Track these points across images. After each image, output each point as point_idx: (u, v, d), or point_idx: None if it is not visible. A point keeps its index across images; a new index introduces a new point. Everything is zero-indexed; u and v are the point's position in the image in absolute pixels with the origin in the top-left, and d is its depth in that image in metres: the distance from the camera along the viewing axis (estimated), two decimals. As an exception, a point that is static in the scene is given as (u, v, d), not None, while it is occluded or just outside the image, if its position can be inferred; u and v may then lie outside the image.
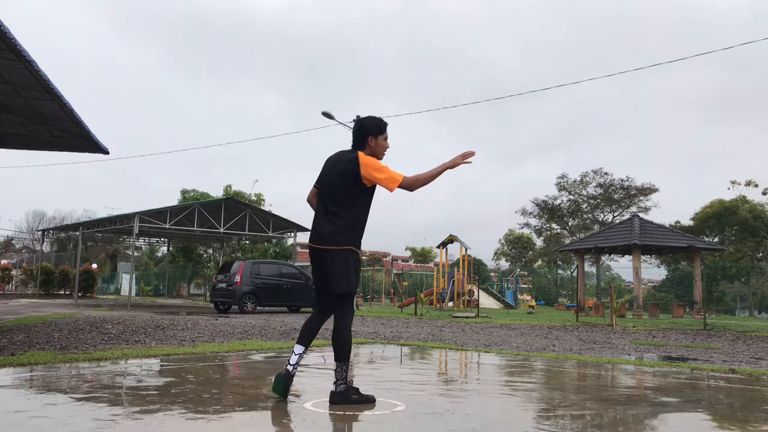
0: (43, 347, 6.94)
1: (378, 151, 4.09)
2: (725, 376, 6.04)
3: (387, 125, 4.17)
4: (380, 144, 4.09)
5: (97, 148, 11.45)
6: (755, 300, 39.67)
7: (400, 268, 50.14)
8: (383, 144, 4.11)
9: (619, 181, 45.60)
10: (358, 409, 3.79)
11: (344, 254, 3.89)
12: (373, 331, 11.45)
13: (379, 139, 4.08)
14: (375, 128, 4.08)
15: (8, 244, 64.05)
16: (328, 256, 3.90)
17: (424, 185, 3.95)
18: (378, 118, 4.16)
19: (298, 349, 3.98)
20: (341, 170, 3.97)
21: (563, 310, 32.80)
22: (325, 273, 3.93)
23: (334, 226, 3.92)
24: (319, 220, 4.02)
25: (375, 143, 4.07)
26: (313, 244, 3.99)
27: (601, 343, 10.27)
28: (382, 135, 4.10)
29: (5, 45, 7.01)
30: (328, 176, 4.05)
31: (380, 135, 4.09)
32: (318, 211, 4.06)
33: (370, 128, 4.07)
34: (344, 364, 3.90)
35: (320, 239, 3.95)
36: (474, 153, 3.93)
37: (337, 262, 3.88)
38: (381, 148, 4.10)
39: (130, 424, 3.23)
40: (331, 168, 4.07)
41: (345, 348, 3.90)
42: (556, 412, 3.93)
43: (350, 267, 3.90)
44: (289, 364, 3.98)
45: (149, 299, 34.87)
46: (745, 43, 59.21)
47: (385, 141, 4.13)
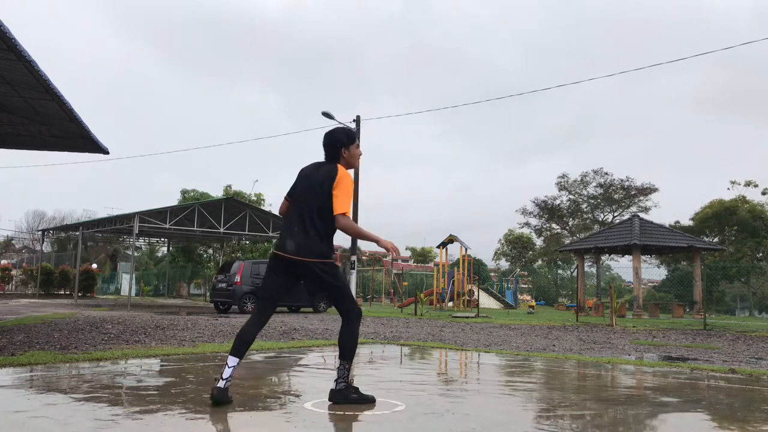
0: (43, 347, 6.94)
1: (352, 160, 4.16)
2: (725, 376, 6.04)
3: (356, 134, 4.32)
4: (353, 153, 4.15)
5: (97, 148, 11.45)
6: (755, 300, 39.67)
7: (400, 268, 50.16)
8: (356, 152, 4.18)
9: (619, 181, 45.65)
10: (358, 409, 3.79)
11: (332, 265, 4.00)
12: (373, 331, 11.45)
13: (351, 149, 4.14)
14: (346, 139, 4.14)
15: (8, 244, 64.06)
16: (316, 268, 3.90)
17: (354, 234, 4.09)
18: (347, 129, 4.30)
19: (232, 361, 3.78)
20: (321, 183, 3.96)
21: (563, 310, 32.80)
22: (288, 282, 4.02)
23: (317, 239, 3.91)
24: (293, 232, 3.96)
25: (348, 153, 4.13)
26: (294, 256, 3.90)
27: (601, 343, 10.27)
28: (354, 144, 4.17)
29: (5, 45, 7.00)
30: (308, 188, 4.02)
31: (351, 144, 4.15)
32: (293, 222, 3.99)
33: (341, 140, 4.12)
34: (348, 363, 3.93)
35: (303, 251, 3.90)
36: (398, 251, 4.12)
37: (332, 273, 3.97)
38: (354, 158, 4.17)
39: (130, 424, 3.23)
40: (309, 180, 4.05)
41: (351, 348, 3.95)
42: (556, 412, 3.93)
43: (334, 274, 3.99)
44: (221, 378, 3.76)
45: (149, 299, 34.86)
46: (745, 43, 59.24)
47: (357, 149, 4.20)
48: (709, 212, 40.36)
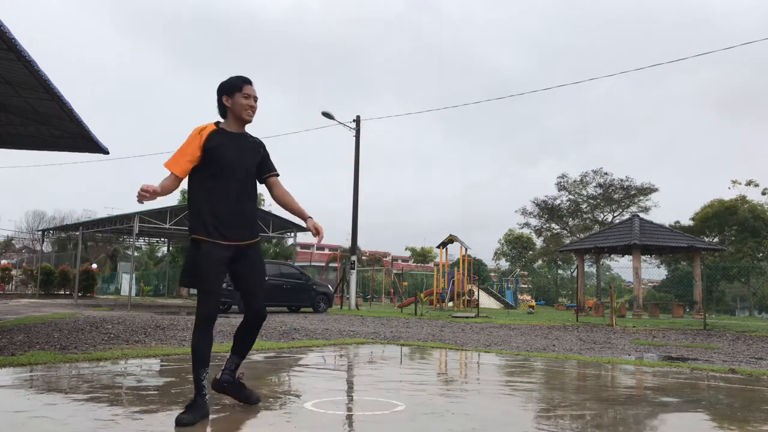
0: (43, 347, 6.94)
1: (238, 109, 3.55)
2: (725, 376, 6.04)
3: (247, 82, 3.59)
4: (238, 101, 3.53)
5: (97, 148, 11.45)
6: (755, 300, 39.67)
7: (400, 268, 50.16)
8: (242, 101, 3.53)
9: (618, 181, 45.63)
10: (358, 408, 3.79)
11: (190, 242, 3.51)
12: (373, 331, 11.45)
13: (237, 97, 3.53)
14: (229, 86, 3.56)
15: (8, 244, 64.05)
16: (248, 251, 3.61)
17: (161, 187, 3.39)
18: (236, 76, 3.61)
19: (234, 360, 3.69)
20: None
21: (563, 310, 32.80)
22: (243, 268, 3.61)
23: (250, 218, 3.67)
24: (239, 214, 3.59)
25: (231, 102, 3.55)
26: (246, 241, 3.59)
27: (601, 343, 10.27)
28: (240, 92, 3.54)
29: (5, 45, 7.01)
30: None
31: (237, 92, 3.54)
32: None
33: (224, 87, 3.57)
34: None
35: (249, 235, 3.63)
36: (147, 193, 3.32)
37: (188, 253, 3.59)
38: (241, 107, 3.54)
39: (130, 424, 3.23)
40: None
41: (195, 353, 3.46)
42: (556, 412, 3.93)
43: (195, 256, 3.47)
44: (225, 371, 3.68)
45: (149, 299, 34.87)
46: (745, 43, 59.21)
47: (244, 98, 3.54)
48: (709, 212, 40.36)
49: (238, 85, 3.55)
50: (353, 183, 25.89)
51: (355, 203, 25.83)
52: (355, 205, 25.84)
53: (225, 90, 3.56)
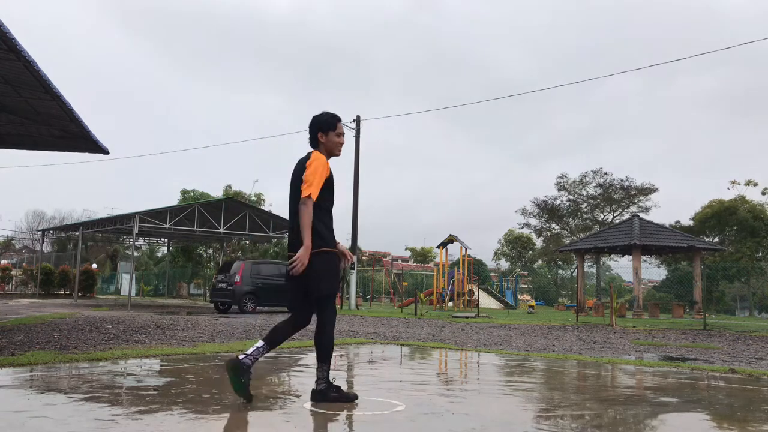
0: (43, 347, 6.93)
1: (331, 146, 3.99)
2: (725, 376, 6.04)
3: (339, 120, 4.04)
4: (331, 139, 3.97)
5: (97, 148, 11.45)
6: (755, 300, 39.67)
7: (400, 268, 50.16)
8: (335, 140, 3.98)
9: (618, 181, 45.62)
10: (358, 408, 3.79)
11: (317, 255, 3.77)
12: (373, 331, 11.45)
13: (330, 135, 3.97)
14: (325, 124, 3.97)
15: (8, 244, 64.03)
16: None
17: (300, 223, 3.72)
18: (330, 113, 4.04)
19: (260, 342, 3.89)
20: (298, 174, 3.91)
21: (563, 310, 32.80)
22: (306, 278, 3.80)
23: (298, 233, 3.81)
24: (291, 229, 3.94)
25: (326, 139, 3.97)
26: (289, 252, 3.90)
27: (601, 343, 10.27)
28: (334, 131, 3.98)
29: (5, 45, 7.01)
30: (292, 184, 3.97)
31: (331, 131, 3.97)
32: (290, 220, 3.97)
33: (319, 124, 3.98)
34: (325, 364, 3.90)
35: (290, 246, 3.90)
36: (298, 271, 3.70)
37: (315, 263, 3.77)
38: (333, 144, 3.99)
39: (130, 424, 3.23)
40: (293, 175, 4.00)
41: (328, 349, 3.89)
42: (556, 412, 3.93)
43: (327, 268, 3.81)
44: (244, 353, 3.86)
45: (149, 299, 34.86)
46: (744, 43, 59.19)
47: (339, 137, 4.00)
48: (709, 212, 40.34)
49: (333, 124, 3.99)
50: (353, 183, 25.91)
51: (355, 203, 25.83)
52: (355, 205, 25.85)
53: (321, 127, 3.97)
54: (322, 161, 3.87)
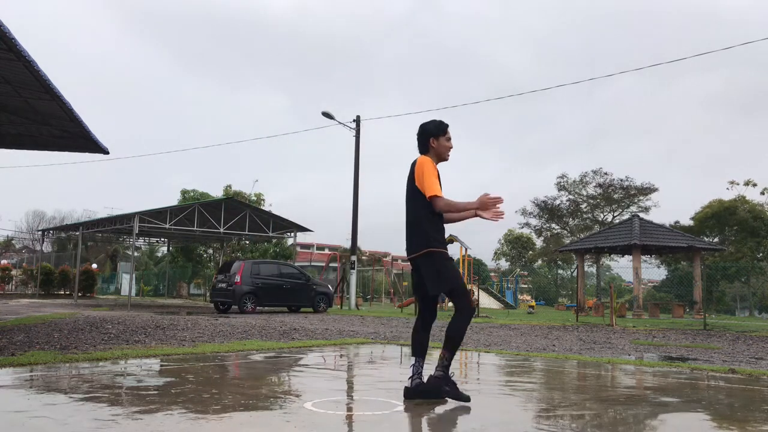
0: (43, 347, 6.94)
1: (441, 151, 4.19)
2: (725, 376, 6.04)
3: (448, 126, 4.26)
4: (442, 144, 4.18)
5: (97, 148, 11.45)
6: (755, 300, 39.67)
7: (400, 268, 50.12)
8: (446, 144, 4.20)
9: (618, 181, 45.62)
10: (358, 408, 3.79)
11: (429, 258, 3.99)
12: (373, 331, 11.45)
13: (441, 140, 4.18)
14: (434, 129, 4.19)
15: (8, 244, 64.03)
16: (417, 263, 4.05)
17: (452, 211, 4.04)
18: (438, 120, 4.27)
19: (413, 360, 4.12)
20: (409, 179, 4.15)
21: (563, 310, 32.80)
22: (421, 279, 4.06)
23: (411, 235, 4.07)
24: (407, 230, 4.15)
25: (437, 144, 4.17)
26: (408, 254, 4.13)
27: (601, 343, 10.27)
28: (444, 135, 4.19)
29: (5, 45, 7.01)
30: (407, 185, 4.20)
31: (441, 135, 4.18)
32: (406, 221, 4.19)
33: (429, 130, 4.19)
34: (449, 353, 4.00)
35: (408, 250, 4.12)
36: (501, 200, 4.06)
37: (425, 267, 3.99)
38: (444, 148, 4.20)
39: (130, 424, 3.23)
40: (408, 177, 4.21)
41: (456, 340, 4.00)
42: (556, 412, 3.93)
43: (439, 268, 3.98)
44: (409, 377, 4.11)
45: (149, 299, 34.86)
46: (745, 43, 59.10)
47: (448, 141, 4.22)
48: (709, 212, 40.34)
49: (444, 129, 4.20)
50: (353, 183, 25.90)
51: (355, 203, 25.83)
52: (355, 205, 25.85)
53: (432, 133, 4.18)
54: (429, 162, 4.07)
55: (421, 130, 4.23)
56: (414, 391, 4.01)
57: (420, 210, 4.05)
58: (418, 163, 4.09)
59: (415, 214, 4.06)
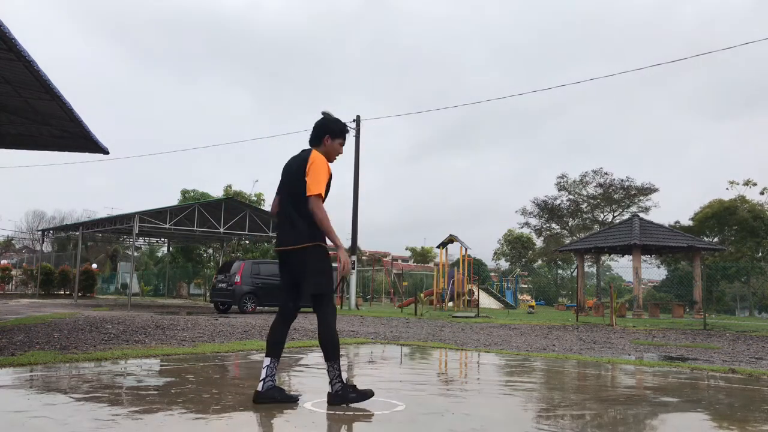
0: (43, 347, 6.94)
1: (331, 151, 4.08)
2: (725, 376, 6.04)
3: (348, 132, 4.20)
4: (334, 147, 4.08)
5: (97, 148, 11.45)
6: (755, 300, 39.65)
7: (400, 268, 50.13)
8: (337, 148, 4.09)
9: (618, 181, 45.63)
10: (357, 408, 3.79)
11: (310, 251, 3.83)
12: (373, 331, 11.45)
13: (335, 142, 4.07)
14: (336, 130, 4.09)
15: (8, 244, 64.03)
16: (293, 256, 3.87)
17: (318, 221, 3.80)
18: (342, 123, 4.19)
19: (267, 361, 3.85)
20: (296, 170, 3.96)
21: (563, 310, 32.80)
22: (294, 276, 3.91)
23: (294, 227, 3.88)
24: (282, 224, 4.00)
25: (330, 144, 4.06)
26: (279, 247, 3.98)
27: (601, 343, 10.27)
28: (339, 140, 4.09)
29: (5, 45, 7.01)
30: (286, 179, 4.04)
31: (337, 139, 4.08)
32: (280, 214, 4.03)
33: (331, 128, 4.08)
34: (335, 362, 3.83)
35: (284, 242, 3.93)
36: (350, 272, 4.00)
37: (305, 261, 3.83)
38: (334, 151, 4.09)
39: (130, 424, 3.23)
40: (287, 171, 4.07)
41: (333, 347, 3.84)
42: (556, 412, 3.93)
43: (318, 264, 3.85)
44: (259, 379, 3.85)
45: (149, 299, 34.87)
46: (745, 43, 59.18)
47: (341, 146, 4.11)
48: (709, 212, 40.34)
49: (343, 133, 4.12)
50: (353, 183, 25.90)
51: (355, 203, 25.83)
52: (355, 205, 25.85)
53: (330, 132, 4.06)
54: (325, 161, 3.96)
55: (323, 123, 4.11)
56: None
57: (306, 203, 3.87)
58: (313, 157, 3.92)
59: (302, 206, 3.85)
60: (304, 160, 3.97)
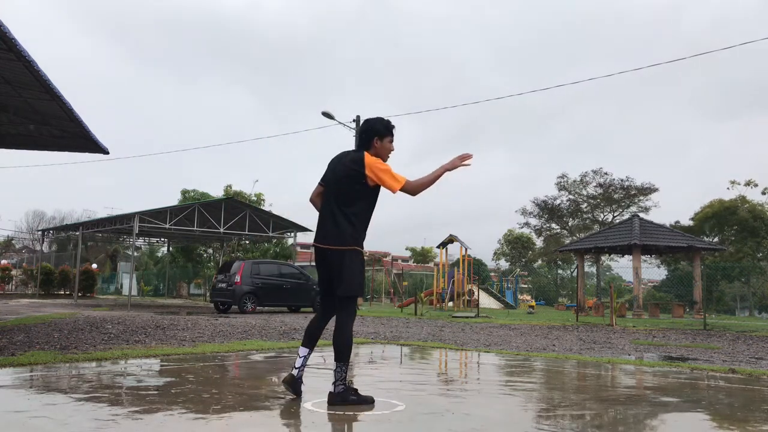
0: (43, 347, 6.94)
1: (382, 152, 4.07)
2: (725, 376, 6.04)
3: (394, 127, 4.17)
4: (385, 146, 4.08)
5: (97, 148, 11.45)
6: (755, 300, 39.65)
7: (400, 268, 50.12)
8: (388, 146, 4.09)
9: (618, 181, 45.63)
10: (357, 409, 3.79)
11: (349, 254, 3.89)
12: (373, 331, 11.45)
13: (385, 141, 4.07)
14: (383, 129, 4.07)
15: (8, 244, 64.04)
16: (332, 255, 3.92)
17: (426, 189, 3.97)
18: (386, 120, 4.15)
19: (303, 351, 4.04)
20: (345, 170, 3.98)
21: (563, 310, 32.80)
22: (330, 273, 3.97)
23: (338, 227, 3.92)
24: (324, 220, 4.03)
25: (380, 145, 4.06)
26: (319, 244, 4.01)
27: (601, 343, 10.27)
28: (388, 137, 4.09)
29: (5, 45, 7.01)
30: (332, 176, 4.05)
31: (386, 137, 4.07)
32: (323, 210, 4.07)
33: (377, 129, 4.06)
34: (344, 364, 3.87)
35: (325, 239, 3.97)
36: (471, 156, 4.00)
37: (342, 262, 3.89)
38: (385, 150, 4.09)
39: (130, 424, 3.23)
40: (335, 168, 4.07)
41: (346, 349, 3.88)
42: (556, 412, 3.93)
43: (354, 268, 3.90)
44: (294, 367, 4.05)
45: (149, 299, 34.87)
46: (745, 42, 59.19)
47: (391, 144, 4.11)
48: (709, 212, 40.35)
49: (391, 130, 4.11)
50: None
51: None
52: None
53: (379, 132, 4.07)
54: (379, 161, 3.98)
55: (368, 126, 4.09)
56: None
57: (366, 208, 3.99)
58: (369, 160, 3.94)
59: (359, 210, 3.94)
60: (356, 162, 3.96)
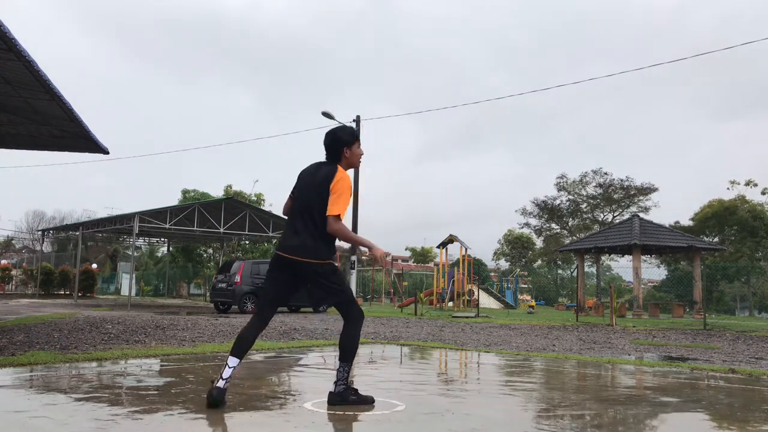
0: (43, 347, 6.94)
1: (354, 160, 4.10)
2: (725, 376, 6.04)
3: (359, 133, 4.19)
4: (355, 153, 4.09)
5: (97, 148, 11.45)
6: (755, 300, 39.66)
7: (400, 268, 50.11)
8: (358, 152, 4.12)
9: (618, 181, 45.63)
10: (357, 409, 3.79)
11: (327, 267, 3.90)
12: (373, 331, 11.45)
13: (354, 148, 4.08)
14: (350, 138, 4.07)
15: (8, 244, 64.03)
16: (306, 268, 3.86)
17: (341, 238, 3.94)
18: (349, 128, 4.22)
19: (233, 361, 3.76)
20: (319, 184, 3.92)
21: (563, 310, 32.80)
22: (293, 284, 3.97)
23: (318, 240, 3.87)
24: (295, 233, 3.93)
25: (350, 153, 4.06)
26: (290, 255, 3.88)
27: (601, 343, 10.28)
28: (356, 142, 4.10)
29: (5, 45, 7.01)
30: (306, 189, 3.99)
31: (354, 144, 4.08)
32: (294, 222, 3.98)
33: (344, 140, 4.05)
34: (348, 365, 3.88)
35: (297, 251, 3.87)
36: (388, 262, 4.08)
37: (333, 274, 3.92)
38: (356, 157, 4.11)
39: (130, 424, 3.23)
40: (309, 180, 4.01)
41: (352, 350, 3.90)
42: (556, 412, 3.93)
43: (337, 277, 3.95)
44: (221, 378, 3.71)
45: (149, 299, 34.87)
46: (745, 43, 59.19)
47: (359, 149, 4.13)
48: (709, 212, 40.36)
49: (357, 136, 4.17)
50: (353, 183, 25.94)
51: (354, 204, 25.84)
52: (355, 206, 25.86)
53: (345, 144, 4.05)
54: (349, 180, 3.95)
55: (333, 138, 4.04)
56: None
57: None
58: (339, 175, 3.90)
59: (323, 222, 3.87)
60: (328, 176, 3.92)
